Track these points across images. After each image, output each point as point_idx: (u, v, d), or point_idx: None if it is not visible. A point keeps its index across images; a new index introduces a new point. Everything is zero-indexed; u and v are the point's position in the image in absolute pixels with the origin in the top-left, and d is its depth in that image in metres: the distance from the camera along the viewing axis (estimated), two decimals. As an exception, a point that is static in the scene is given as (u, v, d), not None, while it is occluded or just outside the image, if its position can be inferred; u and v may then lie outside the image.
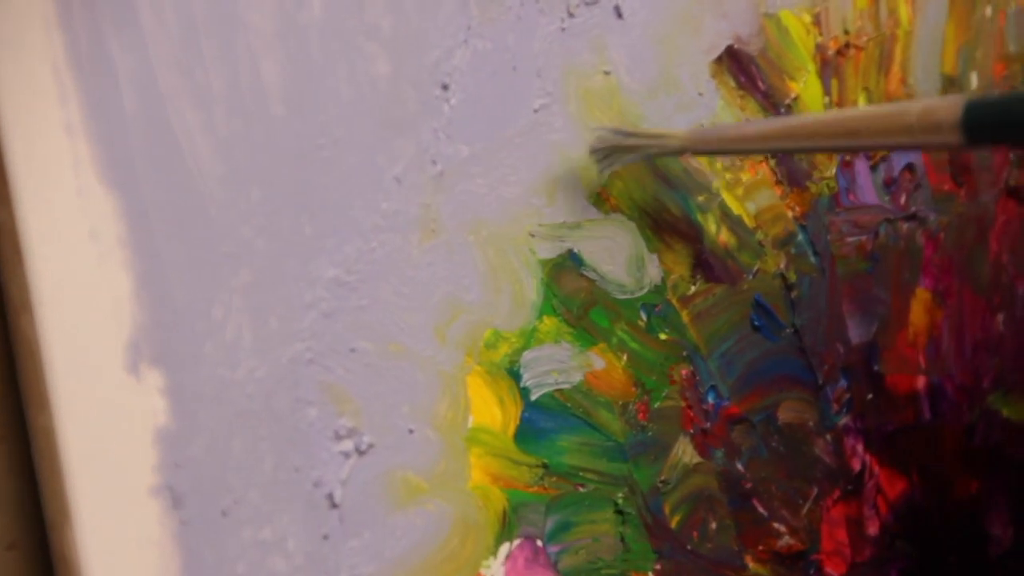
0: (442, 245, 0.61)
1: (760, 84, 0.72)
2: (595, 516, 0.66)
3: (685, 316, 0.70)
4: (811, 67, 0.74)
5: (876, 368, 0.77)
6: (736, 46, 0.71)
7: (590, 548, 0.66)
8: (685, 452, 0.69)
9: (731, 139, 0.65)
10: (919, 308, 0.80)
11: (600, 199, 0.67)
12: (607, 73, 0.67)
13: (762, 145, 0.65)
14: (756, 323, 0.72)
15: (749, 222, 0.72)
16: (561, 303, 0.65)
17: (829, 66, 0.75)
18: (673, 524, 0.69)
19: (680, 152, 0.65)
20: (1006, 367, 0.83)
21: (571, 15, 0.65)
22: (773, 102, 0.73)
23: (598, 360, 0.67)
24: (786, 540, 0.73)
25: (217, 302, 0.55)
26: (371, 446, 0.59)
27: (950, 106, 0.52)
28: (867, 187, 0.77)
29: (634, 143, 0.65)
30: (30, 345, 0.51)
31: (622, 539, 0.67)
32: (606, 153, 0.65)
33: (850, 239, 0.76)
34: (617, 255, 0.67)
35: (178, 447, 0.53)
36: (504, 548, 0.63)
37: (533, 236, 0.64)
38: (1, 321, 0.53)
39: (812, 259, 0.75)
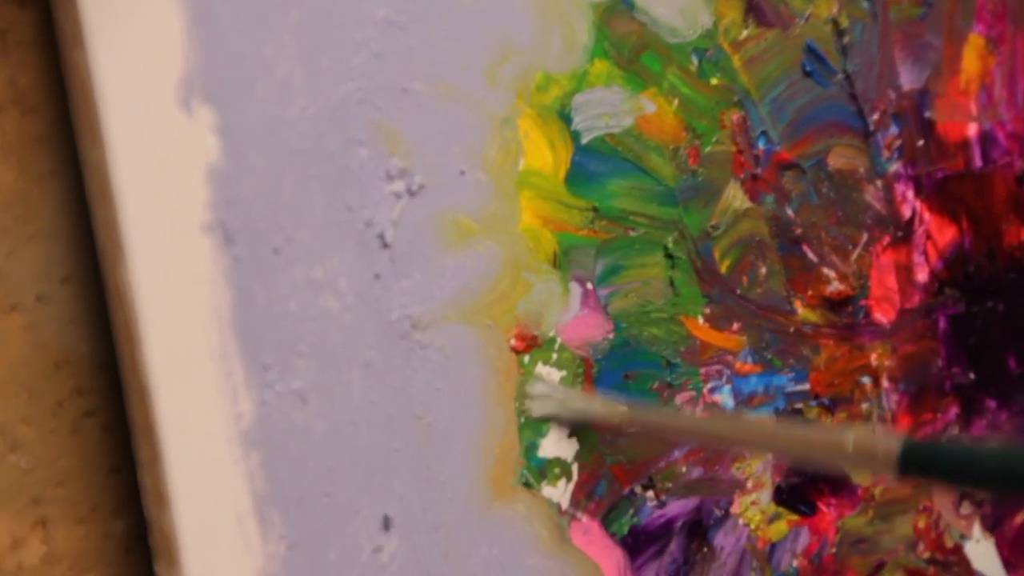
0: (493, -17, 0.61)
1: None
2: (645, 260, 0.66)
3: (736, 61, 0.69)
4: None
5: (927, 115, 0.76)
6: None
7: (640, 291, 0.66)
8: (735, 197, 0.69)
9: (669, 427, 0.66)
10: (972, 54, 0.79)
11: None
12: None
13: (695, 440, 0.68)
14: (807, 69, 0.72)
15: (802, -35, 0.71)
16: (612, 46, 0.65)
17: None
18: (723, 269, 0.69)
19: (618, 429, 0.65)
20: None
21: None
22: None
23: (649, 104, 0.66)
24: (835, 285, 0.73)
25: (268, 40, 0.55)
26: (422, 187, 0.59)
27: (887, 444, 0.54)
28: (923, -70, 0.76)
29: (576, 407, 0.64)
30: (83, 80, 0.51)
31: (672, 283, 0.67)
32: (545, 400, 0.63)
33: (904, -17, 0.75)
34: (669, -2, 0.66)
35: (230, 185, 0.54)
36: (554, 290, 0.64)
37: (585, -25, 0.64)
38: (54, 56, 0.53)
39: (864, 4, 0.74)
